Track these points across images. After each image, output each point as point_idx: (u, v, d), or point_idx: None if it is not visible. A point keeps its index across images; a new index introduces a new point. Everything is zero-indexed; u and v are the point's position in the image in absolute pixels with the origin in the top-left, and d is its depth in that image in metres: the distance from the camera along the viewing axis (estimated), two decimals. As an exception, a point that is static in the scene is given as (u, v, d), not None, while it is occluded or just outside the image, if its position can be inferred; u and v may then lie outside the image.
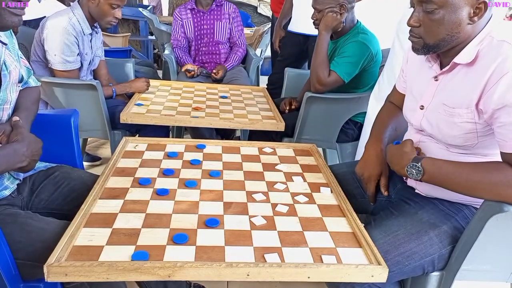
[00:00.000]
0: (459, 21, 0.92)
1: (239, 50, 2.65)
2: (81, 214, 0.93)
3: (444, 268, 1.01)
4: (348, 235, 0.95)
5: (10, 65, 1.03)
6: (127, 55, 3.43)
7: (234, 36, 2.65)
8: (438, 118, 1.02)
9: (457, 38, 0.95)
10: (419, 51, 1.01)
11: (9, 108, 1.05)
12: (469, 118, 0.95)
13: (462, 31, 0.94)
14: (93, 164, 2.39)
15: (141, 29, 5.11)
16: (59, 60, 1.80)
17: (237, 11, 2.66)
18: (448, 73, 1.01)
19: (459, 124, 0.97)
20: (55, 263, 0.77)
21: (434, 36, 0.96)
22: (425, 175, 0.97)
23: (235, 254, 0.85)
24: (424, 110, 1.06)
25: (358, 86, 1.90)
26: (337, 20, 1.76)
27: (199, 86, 2.22)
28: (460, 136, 0.98)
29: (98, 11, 1.83)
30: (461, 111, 0.96)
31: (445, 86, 1.01)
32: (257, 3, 6.18)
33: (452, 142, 1.00)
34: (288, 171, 1.26)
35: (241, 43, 2.68)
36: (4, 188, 1.03)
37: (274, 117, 1.79)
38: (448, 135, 1.00)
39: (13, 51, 1.08)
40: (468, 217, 1.02)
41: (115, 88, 1.96)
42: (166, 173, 1.17)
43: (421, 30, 0.97)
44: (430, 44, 0.97)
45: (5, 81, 1.00)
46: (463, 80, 0.97)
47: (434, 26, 0.94)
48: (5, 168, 0.94)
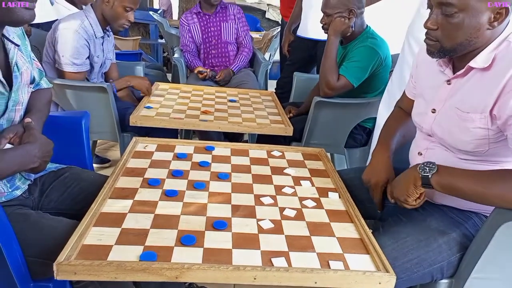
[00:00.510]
0: (479, 26, 0.90)
1: (244, 50, 2.67)
2: (91, 213, 0.93)
3: (453, 276, 0.99)
4: (356, 241, 0.94)
5: (22, 67, 1.04)
6: (138, 58, 3.46)
7: (240, 36, 2.68)
8: (450, 122, 1.00)
9: (475, 43, 0.93)
10: (434, 54, 0.98)
11: (21, 109, 1.06)
12: (482, 124, 0.93)
13: (481, 36, 0.91)
14: (102, 166, 2.42)
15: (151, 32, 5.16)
16: (66, 61, 1.82)
17: (241, 12, 2.70)
18: (463, 77, 0.99)
19: (471, 130, 0.95)
20: (65, 261, 0.77)
21: (452, 40, 0.93)
22: (438, 173, 0.94)
23: (242, 257, 0.85)
24: (436, 114, 1.04)
25: (367, 90, 1.90)
26: (346, 24, 1.77)
27: (208, 89, 2.24)
28: (471, 141, 0.96)
29: (112, 14, 1.86)
30: (475, 116, 0.94)
31: (459, 90, 0.99)
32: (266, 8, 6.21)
33: (463, 147, 0.99)
34: (296, 175, 1.26)
35: (247, 42, 2.70)
36: (15, 189, 1.05)
37: (283, 121, 1.80)
38: (459, 140, 0.98)
39: (25, 53, 1.10)
40: (477, 225, 1.01)
41: (114, 84, 1.94)
42: (175, 174, 1.18)
43: (438, 33, 0.94)
44: (447, 48, 0.95)
45: (16, 82, 1.01)
46: (478, 84, 0.95)
47: (453, 30, 0.92)
48: (17, 169, 0.96)
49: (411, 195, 0.99)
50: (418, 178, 0.97)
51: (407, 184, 0.99)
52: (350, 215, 1.05)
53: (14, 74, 1.01)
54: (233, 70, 2.58)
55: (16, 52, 1.04)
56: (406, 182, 1.00)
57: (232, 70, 2.57)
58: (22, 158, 0.95)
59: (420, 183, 0.97)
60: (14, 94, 1.01)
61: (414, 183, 0.98)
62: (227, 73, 2.52)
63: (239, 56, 2.64)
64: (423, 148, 1.09)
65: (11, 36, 1.03)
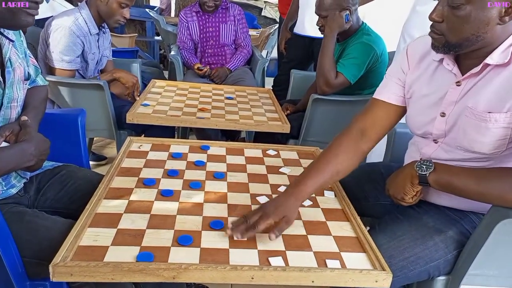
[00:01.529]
0: (488, 20, 0.83)
1: (243, 51, 2.66)
2: (86, 214, 0.93)
3: (450, 273, 1.00)
4: (352, 240, 0.94)
5: (15, 63, 1.04)
6: (134, 55, 3.45)
7: (239, 38, 2.66)
8: (465, 124, 0.93)
9: (483, 39, 0.86)
10: (439, 49, 0.92)
11: (17, 106, 1.06)
12: (507, 122, 0.87)
13: (490, 32, 0.85)
14: (99, 164, 2.41)
15: (147, 30, 5.13)
16: (56, 57, 1.81)
17: (242, 12, 2.68)
18: (476, 76, 0.92)
19: (493, 130, 0.89)
20: (61, 263, 0.77)
21: (457, 34, 0.86)
22: (435, 171, 0.93)
23: (240, 256, 0.85)
24: (447, 117, 0.98)
25: (364, 87, 1.90)
26: (341, 18, 1.76)
27: (205, 87, 2.23)
28: (490, 143, 0.90)
29: (107, 10, 1.85)
30: (499, 116, 0.88)
31: (472, 90, 0.93)
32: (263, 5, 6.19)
33: (479, 149, 0.92)
34: (292, 174, 1.26)
35: (246, 44, 2.69)
36: (11, 187, 1.04)
37: (280, 118, 1.79)
38: (476, 141, 0.92)
39: (20, 49, 1.09)
40: (474, 222, 1.01)
41: (99, 76, 1.92)
42: (170, 174, 1.18)
43: (444, 26, 0.88)
44: (452, 43, 0.88)
45: (9, 78, 1.00)
46: (497, 82, 0.89)
47: (459, 23, 0.85)
48: (13, 167, 0.95)
49: (408, 193, 0.99)
50: (415, 176, 0.96)
51: (404, 182, 0.99)
52: (346, 213, 1.05)
53: (7, 70, 1.00)
54: (230, 68, 2.57)
55: (10, 47, 1.03)
56: (402, 180, 0.99)
57: (228, 68, 2.56)
58: (18, 157, 0.94)
59: (417, 181, 0.96)
60: (8, 90, 1.00)
61: (411, 181, 0.97)
62: (222, 71, 2.50)
63: (237, 55, 2.62)
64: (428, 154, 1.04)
65: (5, 31, 1.02)
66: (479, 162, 0.96)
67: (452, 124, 0.98)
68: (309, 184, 0.97)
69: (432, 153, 1.04)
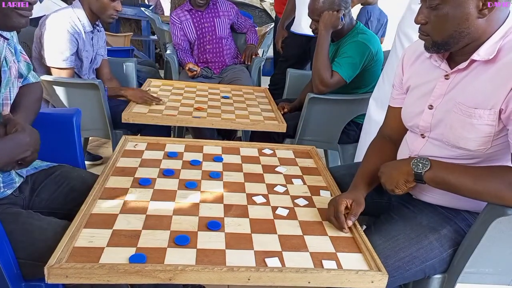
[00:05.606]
0: (466, 15, 0.86)
1: (251, 29, 2.80)
2: (81, 214, 0.92)
3: (445, 271, 1.00)
4: (348, 240, 0.95)
5: (10, 61, 1.03)
6: (129, 54, 3.43)
7: (241, 24, 2.77)
8: (452, 118, 0.95)
9: (467, 34, 0.88)
10: (429, 49, 0.96)
11: (9, 104, 1.04)
12: (491, 120, 0.89)
13: (472, 26, 0.87)
14: (94, 163, 2.40)
15: (143, 28, 5.10)
16: (51, 56, 1.80)
17: (232, 4, 2.75)
18: (463, 71, 0.95)
19: (477, 126, 0.91)
20: (56, 264, 0.76)
21: (441, 33, 0.90)
22: (431, 169, 0.93)
23: (236, 257, 0.85)
24: (434, 110, 1.00)
25: (360, 85, 1.91)
26: (335, 16, 1.77)
27: (201, 86, 2.22)
28: (475, 139, 0.92)
29: (99, 5, 1.84)
30: (483, 112, 0.89)
31: (458, 83, 0.95)
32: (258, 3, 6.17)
33: (464, 145, 0.94)
34: (288, 173, 1.26)
35: (250, 25, 2.81)
36: (11, 183, 1.03)
37: (276, 118, 1.79)
38: (461, 137, 0.94)
39: (11, 46, 1.08)
40: (467, 219, 1.01)
41: (107, 88, 1.88)
42: (166, 173, 1.17)
43: (429, 27, 0.92)
44: (438, 42, 0.92)
45: (5, 77, 0.99)
46: (483, 78, 0.91)
47: (440, 22, 0.89)
48: (7, 159, 0.90)
49: (399, 188, 0.99)
50: (410, 174, 0.97)
51: (398, 177, 0.99)
52: (342, 213, 1.05)
53: (2, 69, 0.99)
54: (253, 43, 2.71)
55: (5, 46, 1.02)
56: (397, 174, 0.99)
57: (252, 44, 2.70)
58: (12, 148, 0.90)
59: (412, 179, 0.97)
60: (3, 89, 0.99)
61: (406, 178, 0.97)
62: (251, 47, 2.67)
63: (250, 34, 2.77)
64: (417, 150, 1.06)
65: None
66: (466, 160, 0.97)
67: (439, 118, 0.99)
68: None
69: (420, 150, 1.05)
